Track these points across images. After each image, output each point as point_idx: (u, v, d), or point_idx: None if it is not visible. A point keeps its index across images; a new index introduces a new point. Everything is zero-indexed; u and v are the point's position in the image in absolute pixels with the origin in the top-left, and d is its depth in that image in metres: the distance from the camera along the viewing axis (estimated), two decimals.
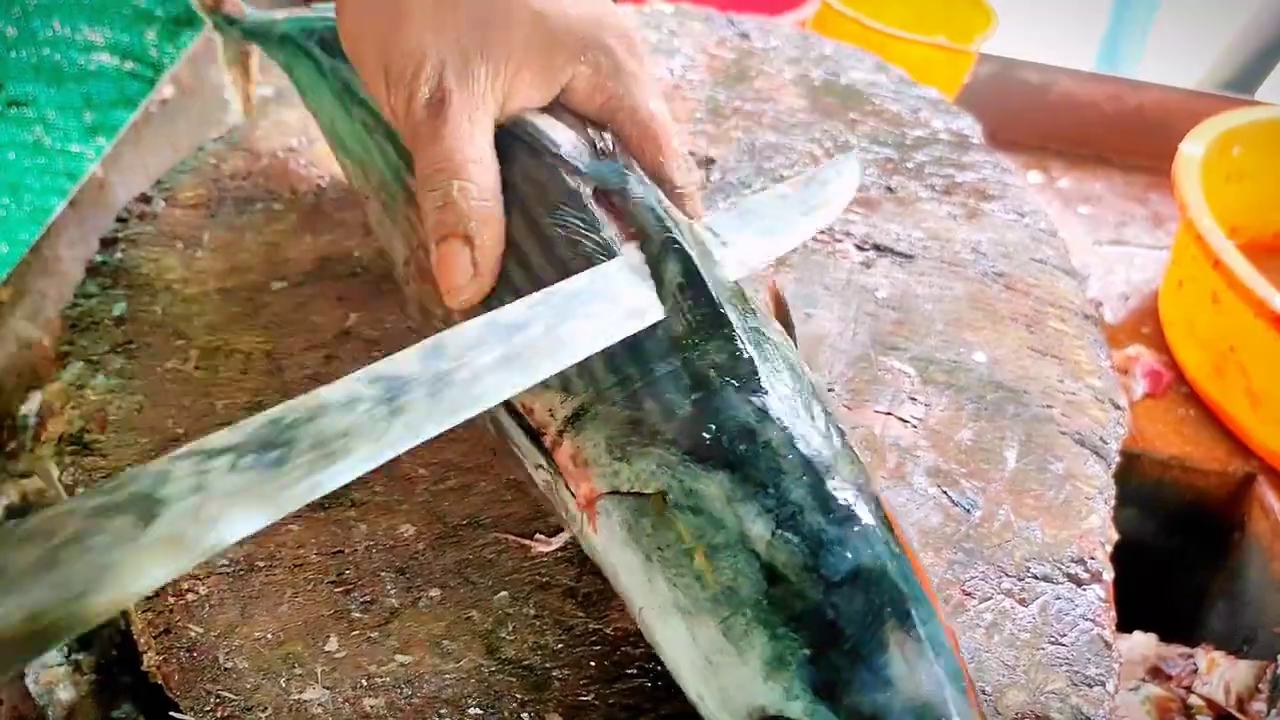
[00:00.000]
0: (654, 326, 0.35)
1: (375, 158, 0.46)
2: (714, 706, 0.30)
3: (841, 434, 0.34)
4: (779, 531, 0.30)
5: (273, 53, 0.57)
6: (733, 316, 0.35)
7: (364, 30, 0.41)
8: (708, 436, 0.32)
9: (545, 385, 0.35)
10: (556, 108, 0.42)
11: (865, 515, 0.31)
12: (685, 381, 0.34)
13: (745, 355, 0.34)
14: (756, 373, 0.34)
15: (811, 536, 0.30)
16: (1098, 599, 0.41)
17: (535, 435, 0.36)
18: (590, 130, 0.42)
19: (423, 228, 0.38)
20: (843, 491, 0.31)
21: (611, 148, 0.41)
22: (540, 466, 0.36)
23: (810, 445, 0.32)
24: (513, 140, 0.40)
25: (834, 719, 0.28)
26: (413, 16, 0.39)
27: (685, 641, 0.31)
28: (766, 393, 0.33)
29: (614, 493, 0.33)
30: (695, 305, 0.35)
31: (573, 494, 0.35)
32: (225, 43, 0.63)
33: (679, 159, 0.42)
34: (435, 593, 0.39)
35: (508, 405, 0.37)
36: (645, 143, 0.41)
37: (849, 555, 0.30)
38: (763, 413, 0.33)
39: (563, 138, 0.41)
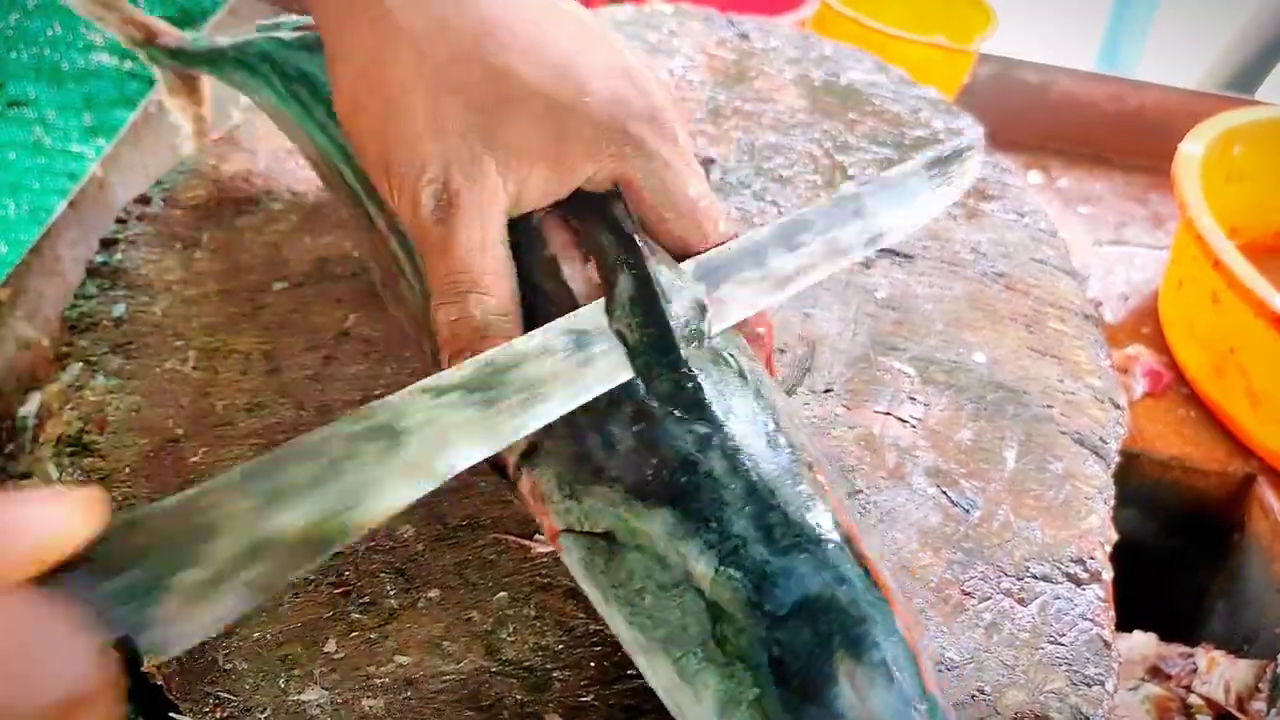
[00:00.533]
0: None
1: (341, 181, 0.45)
2: None
3: (793, 449, 0.33)
4: (721, 568, 0.29)
5: (226, 78, 0.55)
6: (679, 335, 0.34)
7: (362, 122, 0.37)
8: (649, 472, 0.31)
9: None
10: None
11: (813, 539, 0.30)
12: (627, 412, 0.33)
13: (690, 381, 0.33)
14: (701, 399, 0.32)
15: (754, 570, 0.29)
16: (1097, 599, 0.41)
17: (499, 468, 0.35)
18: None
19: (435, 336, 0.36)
20: (789, 516, 0.30)
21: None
22: (511, 498, 0.36)
23: (756, 470, 0.31)
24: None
25: None
26: (413, 110, 0.35)
27: (650, 676, 0.31)
28: (711, 419, 0.32)
29: (569, 531, 0.33)
30: (643, 325, 0.34)
31: (540, 523, 0.34)
32: (164, 73, 0.61)
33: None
34: (435, 594, 0.39)
35: None
36: (689, 231, 0.37)
37: (793, 586, 0.29)
38: (705, 440, 0.32)
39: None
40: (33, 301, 0.64)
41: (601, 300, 0.34)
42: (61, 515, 0.24)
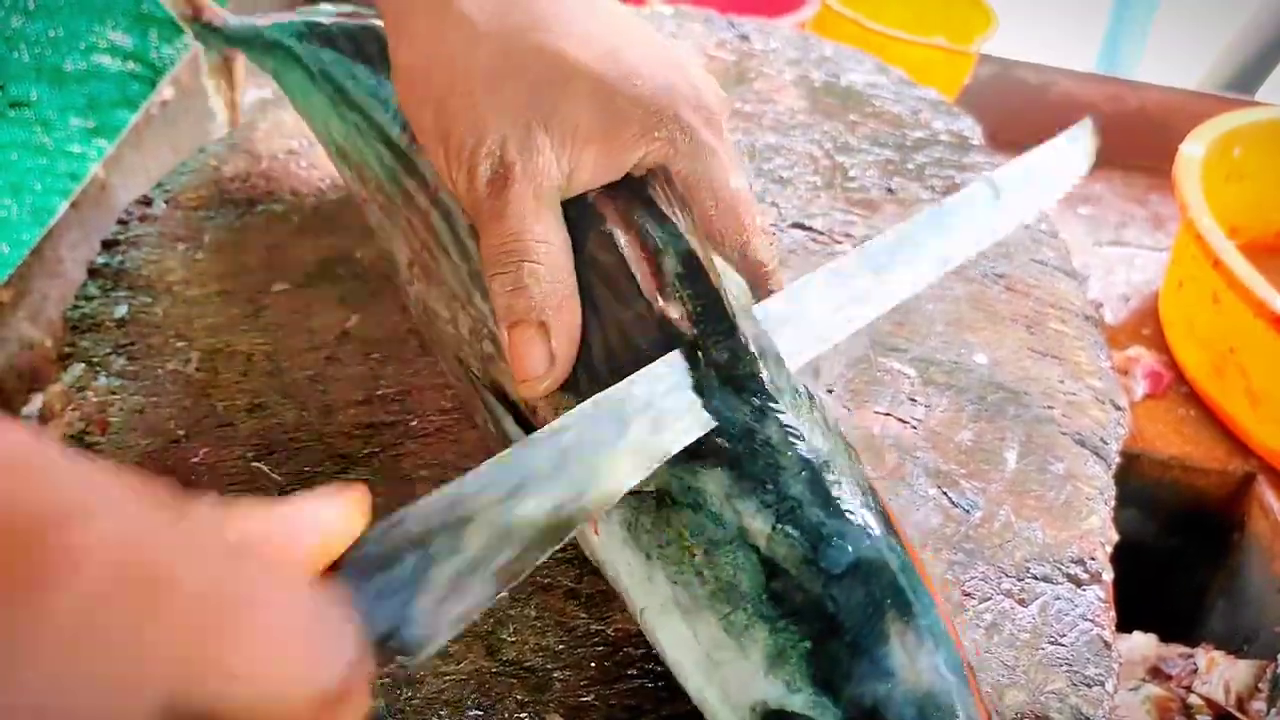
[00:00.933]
0: (654, 323, 0.35)
1: (371, 162, 0.46)
2: (716, 702, 0.30)
3: (839, 433, 0.34)
4: (778, 526, 0.30)
5: (259, 60, 0.57)
6: (734, 309, 0.34)
7: (421, 97, 0.39)
8: (707, 433, 0.32)
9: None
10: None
11: (864, 510, 0.31)
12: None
13: (745, 353, 0.33)
14: (756, 372, 0.33)
15: (811, 530, 0.30)
16: (1097, 599, 0.41)
17: None
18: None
19: (491, 305, 0.36)
20: (842, 487, 0.31)
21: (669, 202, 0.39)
22: None
23: (809, 442, 0.32)
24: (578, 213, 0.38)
25: (835, 711, 0.28)
26: (472, 85, 0.37)
27: (686, 639, 0.31)
28: (767, 392, 0.33)
29: None
30: (695, 296, 0.35)
31: None
32: (207, 52, 0.63)
33: (763, 237, 0.40)
34: None
35: (513, 407, 0.37)
36: (728, 223, 0.39)
37: (849, 548, 0.30)
38: (761, 412, 0.32)
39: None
40: (35, 302, 0.64)
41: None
42: (336, 515, 0.25)
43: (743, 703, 0.29)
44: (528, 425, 0.37)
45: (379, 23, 0.49)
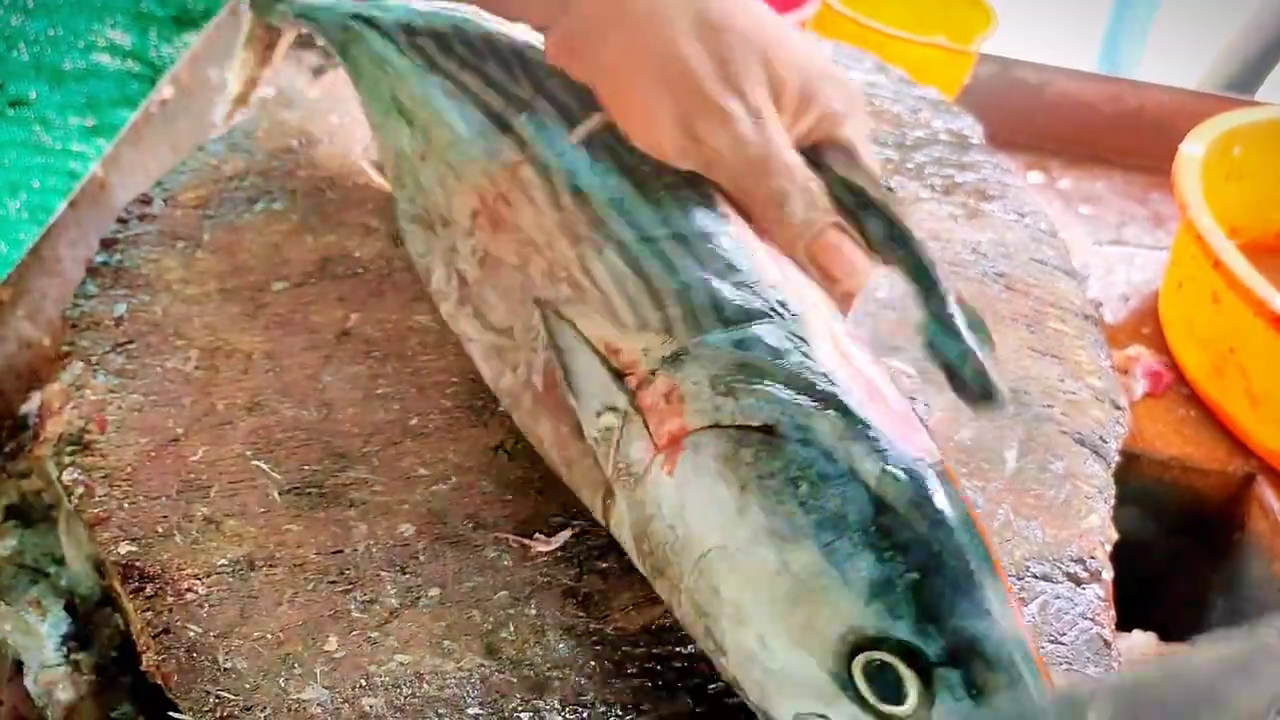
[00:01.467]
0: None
1: (454, 121, 0.47)
2: (785, 646, 0.31)
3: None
4: (888, 469, 0.32)
5: (328, 31, 0.57)
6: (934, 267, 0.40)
7: (633, 66, 0.42)
8: (818, 380, 0.34)
9: (643, 328, 0.37)
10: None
11: (955, 486, 0.34)
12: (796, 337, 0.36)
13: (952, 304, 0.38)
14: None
15: (917, 479, 0.32)
16: (1097, 598, 0.41)
17: (619, 375, 0.37)
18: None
19: (788, 230, 0.41)
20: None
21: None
22: (611, 409, 0.37)
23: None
24: None
25: (939, 640, 0.29)
26: (680, 45, 0.41)
27: (771, 572, 0.31)
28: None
29: (713, 426, 0.34)
30: (905, 254, 0.41)
31: (650, 433, 0.35)
32: (255, 22, 0.63)
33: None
34: (435, 592, 0.39)
35: (590, 346, 0.38)
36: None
37: (949, 501, 0.32)
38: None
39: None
40: (34, 301, 0.64)
41: None
42: None
43: (831, 633, 0.30)
44: (605, 361, 0.37)
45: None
